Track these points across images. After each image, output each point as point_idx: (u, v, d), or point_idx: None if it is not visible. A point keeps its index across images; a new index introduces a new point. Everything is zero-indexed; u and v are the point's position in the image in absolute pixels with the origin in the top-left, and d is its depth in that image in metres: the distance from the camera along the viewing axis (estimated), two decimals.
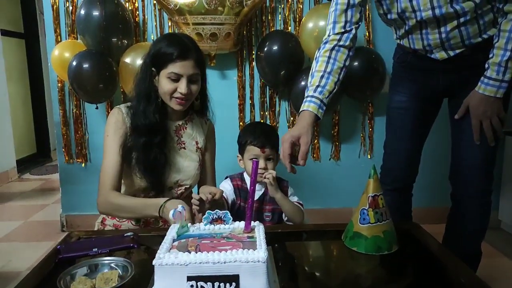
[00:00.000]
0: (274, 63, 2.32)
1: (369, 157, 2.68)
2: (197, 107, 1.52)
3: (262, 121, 2.58)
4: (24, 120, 4.72)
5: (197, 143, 1.53)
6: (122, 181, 1.45)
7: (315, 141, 2.65)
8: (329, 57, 1.33)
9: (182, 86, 1.34)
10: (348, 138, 2.68)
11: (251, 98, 2.58)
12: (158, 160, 1.39)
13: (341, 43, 1.35)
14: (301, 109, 1.30)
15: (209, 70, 2.52)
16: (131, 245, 1.10)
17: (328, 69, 1.32)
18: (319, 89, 1.30)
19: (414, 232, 1.22)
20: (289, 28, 2.50)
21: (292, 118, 2.60)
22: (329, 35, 1.37)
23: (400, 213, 1.60)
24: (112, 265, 0.96)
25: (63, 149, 2.62)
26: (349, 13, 1.34)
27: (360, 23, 1.38)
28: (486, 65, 1.28)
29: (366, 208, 1.08)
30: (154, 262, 0.81)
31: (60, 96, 2.55)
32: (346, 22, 1.35)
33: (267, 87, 2.56)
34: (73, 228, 2.65)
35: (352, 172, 2.66)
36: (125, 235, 1.15)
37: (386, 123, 1.66)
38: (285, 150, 1.23)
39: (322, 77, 1.31)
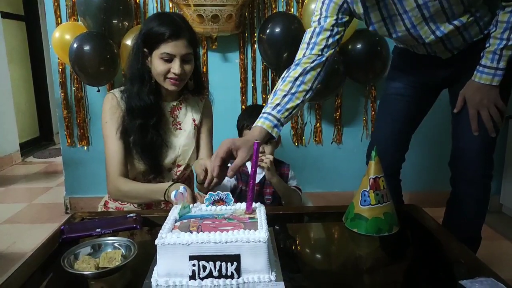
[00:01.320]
0: (277, 46, 2.29)
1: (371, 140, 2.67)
2: (191, 86, 1.50)
3: (263, 104, 2.57)
4: (26, 103, 4.72)
5: (194, 120, 1.51)
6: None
7: (317, 124, 2.64)
8: (296, 79, 1.28)
9: (175, 67, 1.32)
10: (350, 121, 2.67)
11: (253, 81, 2.56)
12: (155, 141, 1.39)
13: (313, 64, 1.29)
14: (254, 124, 1.24)
15: (211, 52, 2.51)
16: (134, 225, 1.11)
17: (293, 90, 1.27)
18: (278, 107, 1.24)
19: (414, 214, 1.22)
20: (292, 9, 2.47)
21: None
22: (304, 55, 1.31)
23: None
24: (116, 244, 0.97)
25: (65, 132, 2.63)
26: (330, 39, 1.30)
27: (339, 43, 1.35)
28: (482, 54, 1.28)
29: (367, 190, 1.08)
30: (156, 241, 0.82)
31: (62, 79, 2.55)
32: (326, 46, 1.30)
33: (269, 70, 2.54)
34: (76, 210, 2.67)
35: (354, 155, 2.65)
36: (128, 216, 1.16)
37: (378, 111, 1.66)
38: (219, 153, 1.14)
39: (284, 96, 1.26)
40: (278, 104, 1.25)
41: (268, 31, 2.29)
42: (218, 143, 2.68)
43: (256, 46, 2.48)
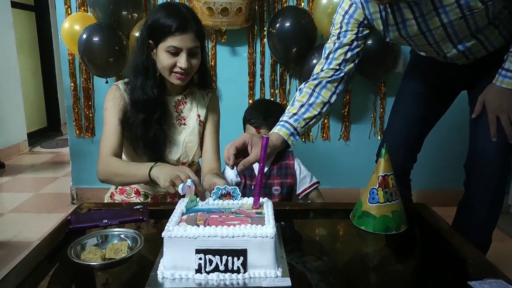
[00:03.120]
0: (286, 40, 2.28)
1: (379, 138, 2.65)
2: (196, 80, 1.46)
3: (272, 99, 2.56)
4: (34, 93, 4.74)
5: (199, 116, 1.46)
6: (125, 159, 1.45)
7: (325, 120, 2.63)
8: (313, 90, 1.29)
9: (182, 61, 1.28)
10: (359, 118, 2.65)
11: (262, 75, 2.55)
12: (158, 136, 1.36)
13: (331, 78, 1.29)
14: (270, 132, 1.24)
15: (220, 46, 2.50)
16: (141, 217, 1.11)
17: (310, 101, 1.27)
18: (295, 117, 1.25)
19: (423, 213, 1.21)
20: (302, 4, 2.44)
21: None
22: (321, 70, 1.30)
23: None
24: (122, 236, 0.98)
25: (73, 123, 2.64)
26: (349, 53, 1.29)
27: (359, 56, 1.33)
28: (505, 57, 1.23)
29: (376, 188, 1.07)
30: (163, 234, 0.82)
31: (71, 69, 2.55)
32: (344, 60, 1.29)
33: (278, 64, 2.52)
34: (83, 200, 2.69)
35: (362, 152, 2.64)
36: (134, 207, 1.16)
37: (392, 109, 1.62)
38: (235, 143, 1.14)
39: (301, 106, 1.27)
40: (295, 114, 1.25)
41: (277, 25, 2.27)
42: (225, 137, 2.67)
43: (265, 40, 2.46)
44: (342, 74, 1.30)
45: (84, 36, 2.17)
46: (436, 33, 1.21)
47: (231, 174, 1.54)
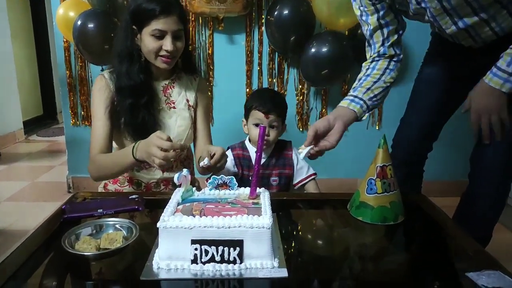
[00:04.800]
0: (284, 28, 2.25)
1: (377, 128, 2.64)
2: (180, 65, 1.47)
3: (269, 87, 2.54)
4: (30, 81, 4.69)
5: (187, 101, 1.47)
6: (116, 146, 1.44)
7: (323, 110, 2.61)
8: (367, 69, 1.35)
9: (167, 43, 1.29)
10: None
11: (259, 64, 2.52)
12: (147, 121, 1.35)
13: (381, 55, 1.33)
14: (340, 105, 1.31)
15: (217, 34, 2.47)
16: (136, 207, 1.10)
17: (368, 72, 1.33)
18: (358, 87, 1.31)
19: (421, 204, 1.20)
20: None
21: (300, 86, 2.55)
22: (370, 56, 1.36)
23: (407, 187, 1.57)
24: (117, 226, 0.96)
25: (70, 111, 2.61)
26: (384, 30, 1.30)
27: (401, 30, 1.32)
28: (501, 55, 1.17)
29: (374, 178, 1.06)
30: (158, 224, 0.81)
31: (66, 57, 2.51)
32: (383, 40, 1.31)
33: (276, 53, 2.49)
34: (79, 189, 2.67)
35: (360, 143, 2.62)
36: (130, 197, 1.15)
37: (410, 95, 1.59)
38: (317, 124, 1.19)
39: (359, 79, 1.33)
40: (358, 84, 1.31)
41: (276, 13, 2.24)
42: (223, 125, 2.67)
43: (263, 28, 2.43)
44: (388, 44, 1.31)
45: (79, 22, 2.14)
46: (431, 7, 1.18)
47: (228, 164, 1.52)
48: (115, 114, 1.36)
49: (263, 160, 1.50)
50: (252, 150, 1.52)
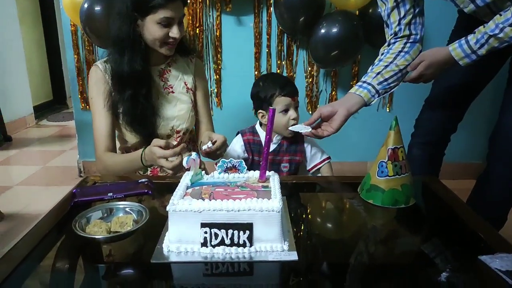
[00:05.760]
0: (293, 9, 2.20)
1: (388, 110, 2.61)
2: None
3: (278, 71, 2.51)
4: (39, 66, 4.70)
5: (186, 83, 1.46)
6: (117, 134, 1.44)
7: (333, 92, 2.58)
8: (382, 54, 1.36)
9: (175, 31, 1.28)
10: None
11: (268, 46, 2.48)
12: (145, 111, 1.34)
13: (398, 36, 1.32)
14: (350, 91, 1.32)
15: (225, 15, 2.43)
16: (146, 191, 1.10)
17: (381, 57, 1.33)
18: (369, 72, 1.32)
19: (433, 187, 1.19)
20: None
21: (309, 68, 2.51)
22: (387, 37, 1.36)
23: (426, 168, 1.55)
24: (127, 209, 0.97)
25: (79, 96, 2.61)
26: (401, 9, 1.29)
27: (418, 8, 1.30)
28: (474, 30, 1.18)
29: (385, 161, 1.04)
30: (168, 208, 0.81)
31: (74, 40, 2.50)
32: (400, 19, 1.30)
33: (285, 34, 2.45)
34: (89, 173, 2.70)
35: (370, 125, 2.60)
36: (139, 181, 1.15)
37: None
38: (321, 108, 1.23)
39: (372, 64, 1.34)
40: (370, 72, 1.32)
41: None
42: (231, 109, 2.65)
43: (272, 9, 2.38)
44: (405, 22, 1.31)
45: (86, 5, 2.12)
46: None
47: (238, 149, 1.51)
48: (114, 105, 1.35)
49: (274, 146, 1.49)
50: (263, 135, 1.50)
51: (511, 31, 1.11)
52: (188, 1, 1.39)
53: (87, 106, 2.63)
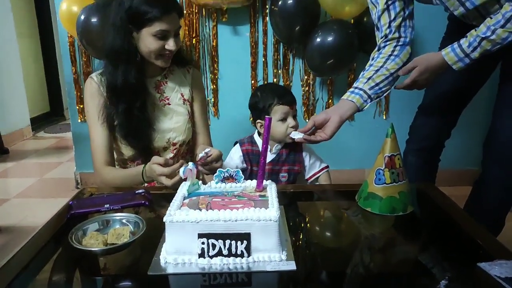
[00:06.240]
0: (289, 18, 2.22)
1: (384, 117, 2.62)
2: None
3: (275, 80, 2.52)
4: (36, 78, 4.71)
5: (182, 95, 1.44)
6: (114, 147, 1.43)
7: (329, 100, 2.59)
8: (372, 59, 1.37)
9: (171, 43, 1.27)
10: None
11: (264, 55, 2.50)
12: (140, 124, 1.33)
13: (388, 38, 1.33)
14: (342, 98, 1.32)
15: (221, 25, 2.44)
16: (143, 202, 1.09)
17: (372, 62, 1.34)
18: (360, 78, 1.32)
19: (430, 194, 1.18)
20: None
21: (306, 77, 2.52)
22: (378, 41, 1.37)
23: (422, 175, 1.55)
24: (124, 221, 0.96)
25: (76, 107, 2.61)
26: (391, 12, 1.30)
27: (407, 10, 1.31)
28: (466, 35, 1.19)
29: (382, 168, 1.04)
30: (165, 218, 0.80)
31: (71, 52, 2.51)
32: (390, 21, 1.31)
33: (281, 44, 2.47)
34: (87, 185, 2.69)
35: (367, 133, 2.61)
36: (136, 192, 1.14)
37: None
38: (316, 117, 1.25)
39: (363, 70, 1.34)
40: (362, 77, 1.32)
41: (280, 3, 2.21)
42: (228, 118, 2.64)
43: (267, 18, 2.40)
44: (394, 26, 1.32)
45: (82, 17, 2.13)
46: None
47: (237, 160, 1.51)
48: (109, 118, 1.34)
49: (273, 156, 1.49)
50: (261, 145, 1.50)
51: (503, 32, 1.12)
52: (184, 12, 1.38)
53: (84, 118, 2.63)
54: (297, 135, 1.24)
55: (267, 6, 2.38)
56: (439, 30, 1.56)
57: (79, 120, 2.64)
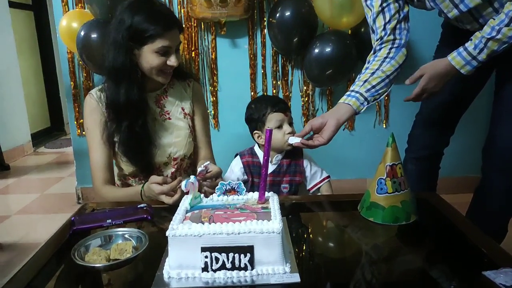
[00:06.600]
0: (287, 30, 2.24)
1: (384, 126, 2.62)
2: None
3: (274, 91, 2.53)
4: (37, 93, 4.73)
5: (183, 109, 1.43)
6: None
7: (329, 110, 2.59)
8: (368, 62, 1.36)
9: (173, 59, 1.27)
10: None
11: (263, 67, 2.52)
12: (142, 142, 1.32)
13: (383, 40, 1.33)
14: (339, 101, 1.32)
15: (219, 38, 2.47)
16: (145, 216, 1.09)
17: (367, 65, 1.34)
18: (356, 81, 1.32)
19: (433, 202, 1.18)
20: None
21: (305, 88, 2.54)
22: (374, 44, 1.37)
23: (422, 183, 1.55)
24: (126, 236, 0.95)
25: (75, 122, 2.62)
26: (386, 14, 1.31)
27: (402, 13, 1.32)
28: (471, 37, 1.19)
29: (384, 178, 1.04)
30: (167, 233, 0.80)
31: (70, 68, 2.53)
32: (385, 23, 1.32)
33: (280, 55, 2.49)
34: (88, 200, 2.69)
35: (367, 142, 2.61)
36: (138, 206, 1.14)
37: None
38: (312, 121, 1.25)
39: (359, 73, 1.34)
40: (359, 80, 1.32)
41: (278, 15, 2.23)
42: (228, 130, 2.64)
43: (265, 31, 2.42)
44: (389, 28, 1.32)
45: (82, 33, 2.15)
46: None
47: (237, 172, 1.51)
48: (109, 135, 1.33)
49: (274, 167, 1.49)
50: (262, 156, 1.50)
51: (508, 30, 1.12)
52: (183, 27, 1.39)
53: (84, 133, 2.63)
54: (294, 140, 1.24)
55: (265, 19, 2.41)
56: (433, 32, 1.58)
57: (79, 135, 2.64)
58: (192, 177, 0.96)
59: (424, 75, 1.26)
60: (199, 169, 1.21)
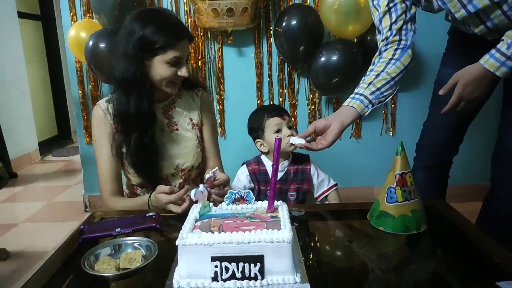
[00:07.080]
0: (293, 39, 2.25)
1: (391, 134, 2.61)
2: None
3: (280, 99, 2.54)
4: (44, 102, 4.77)
5: (191, 119, 1.42)
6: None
7: None
8: (373, 63, 1.34)
9: (184, 70, 1.27)
10: (370, 115, 2.55)
11: (269, 75, 2.52)
12: (150, 153, 1.31)
13: (388, 41, 1.31)
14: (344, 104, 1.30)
15: (226, 47, 2.48)
16: (154, 225, 1.09)
17: (372, 67, 1.32)
18: (361, 84, 1.30)
19: (443, 211, 1.17)
20: (308, 1, 2.41)
21: (311, 96, 2.54)
22: (379, 45, 1.35)
23: (431, 192, 1.54)
24: (136, 245, 0.96)
25: (84, 131, 2.64)
26: (393, 14, 1.29)
27: (409, 13, 1.30)
28: (502, 38, 1.15)
29: (393, 187, 1.04)
30: (177, 242, 0.80)
31: (78, 77, 2.55)
32: (391, 24, 1.30)
33: (286, 63, 2.50)
34: (96, 208, 2.69)
35: (374, 150, 2.60)
36: (147, 215, 1.14)
37: (431, 97, 1.57)
38: (316, 122, 1.23)
39: (364, 75, 1.31)
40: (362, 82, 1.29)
41: (284, 24, 2.24)
42: (235, 138, 2.64)
43: (272, 39, 2.44)
44: (395, 29, 1.30)
45: (90, 43, 2.17)
46: None
47: (244, 180, 1.51)
48: (117, 147, 1.33)
49: (281, 174, 1.49)
50: (268, 164, 1.51)
51: None
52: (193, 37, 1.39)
53: (92, 141, 2.64)
54: (296, 141, 1.21)
55: (271, 28, 2.42)
56: (441, 36, 1.57)
57: (87, 143, 2.65)
58: (201, 186, 0.96)
59: (458, 83, 1.21)
60: (206, 176, 1.20)
